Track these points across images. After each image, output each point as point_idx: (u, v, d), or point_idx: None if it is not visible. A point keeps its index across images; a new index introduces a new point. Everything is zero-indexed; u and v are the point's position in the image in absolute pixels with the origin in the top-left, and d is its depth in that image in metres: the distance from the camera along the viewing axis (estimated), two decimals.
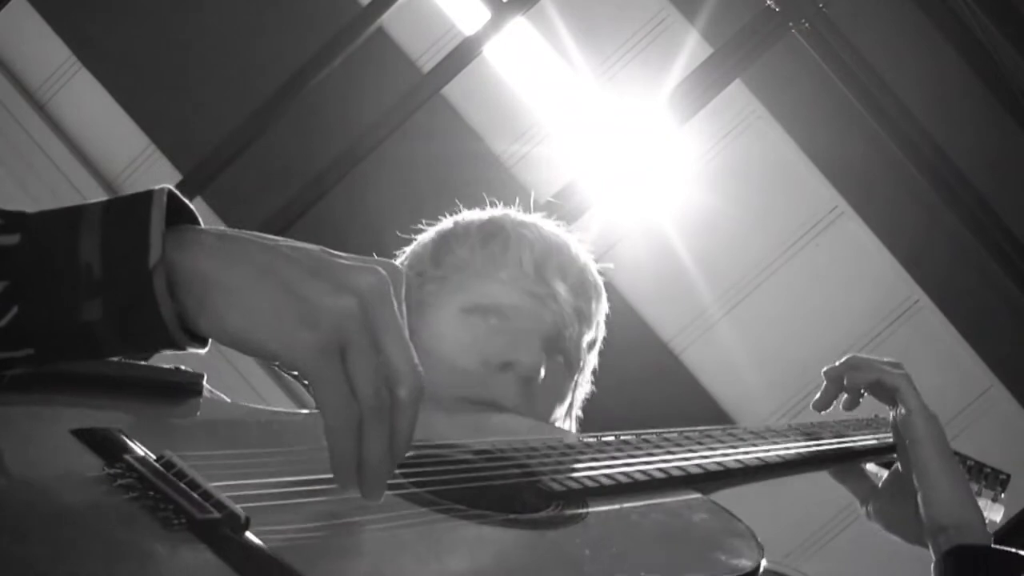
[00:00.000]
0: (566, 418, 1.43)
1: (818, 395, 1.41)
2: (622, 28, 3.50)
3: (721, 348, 3.53)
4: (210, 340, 0.80)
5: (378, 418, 0.78)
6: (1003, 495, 1.46)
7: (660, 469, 1.06)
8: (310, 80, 3.25)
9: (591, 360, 1.46)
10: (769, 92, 3.42)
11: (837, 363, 1.40)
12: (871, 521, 1.41)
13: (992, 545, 1.27)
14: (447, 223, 1.47)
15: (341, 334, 0.76)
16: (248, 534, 0.71)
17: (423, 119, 3.23)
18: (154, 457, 0.76)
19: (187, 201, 0.81)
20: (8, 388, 0.80)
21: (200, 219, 0.82)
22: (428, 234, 1.47)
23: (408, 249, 1.48)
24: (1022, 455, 1.55)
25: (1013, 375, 3.43)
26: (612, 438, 1.14)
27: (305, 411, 1.01)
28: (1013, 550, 1.26)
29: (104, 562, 0.66)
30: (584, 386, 1.47)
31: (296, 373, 0.79)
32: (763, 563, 0.90)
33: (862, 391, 1.41)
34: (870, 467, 1.43)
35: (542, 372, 1.32)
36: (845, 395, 1.42)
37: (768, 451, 1.22)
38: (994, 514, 1.44)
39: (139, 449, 0.77)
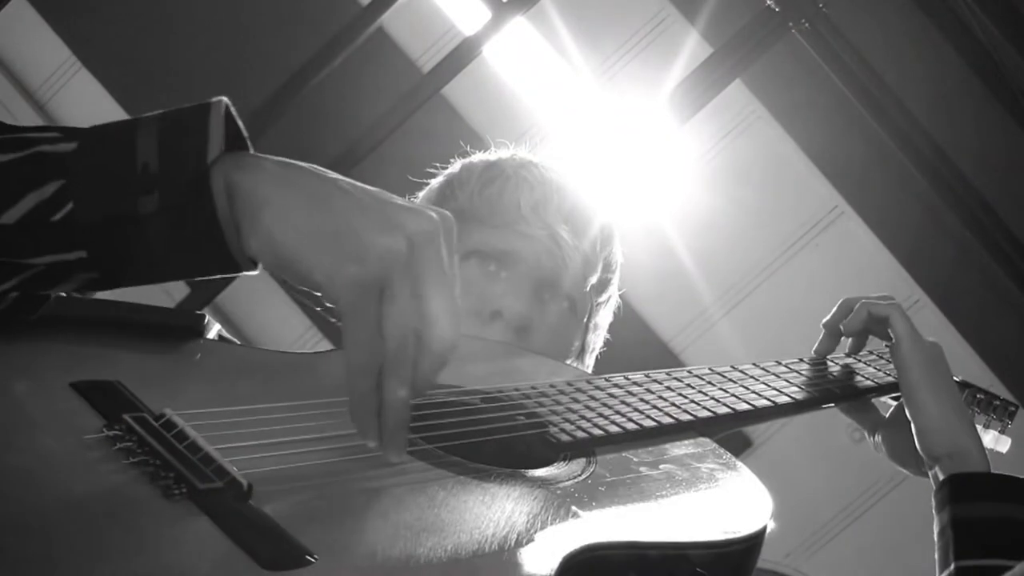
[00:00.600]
0: (577, 362, 1.40)
1: (817, 344, 1.38)
2: (622, 28, 3.50)
3: (721, 348, 3.53)
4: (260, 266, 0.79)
5: (400, 363, 0.77)
6: (1010, 426, 1.43)
7: (669, 414, 1.05)
8: (310, 80, 3.24)
9: (607, 303, 1.44)
10: (769, 92, 3.42)
11: (832, 311, 1.38)
12: (877, 452, 1.38)
13: (989, 472, 1.24)
14: (454, 167, 1.44)
15: (385, 273, 0.76)
16: (251, 503, 0.71)
17: (423, 119, 3.23)
18: (154, 416, 0.75)
19: (240, 123, 0.81)
20: (9, 333, 0.79)
21: (250, 144, 0.82)
22: (437, 178, 1.45)
23: (420, 194, 1.46)
24: (1023, 455, 1.55)
25: (1013, 375, 3.43)
26: (622, 379, 1.11)
27: (309, 352, 0.99)
28: (1011, 475, 1.23)
29: (101, 537, 0.65)
30: (599, 330, 1.44)
31: (328, 306, 0.78)
32: (771, 524, 0.89)
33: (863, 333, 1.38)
34: (884, 398, 1.40)
35: (533, 320, 1.30)
36: (850, 339, 1.39)
37: (779, 392, 1.20)
38: (1001, 445, 1.41)
39: (140, 406, 0.76)
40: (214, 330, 0.94)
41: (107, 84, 3.71)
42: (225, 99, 0.79)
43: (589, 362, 1.44)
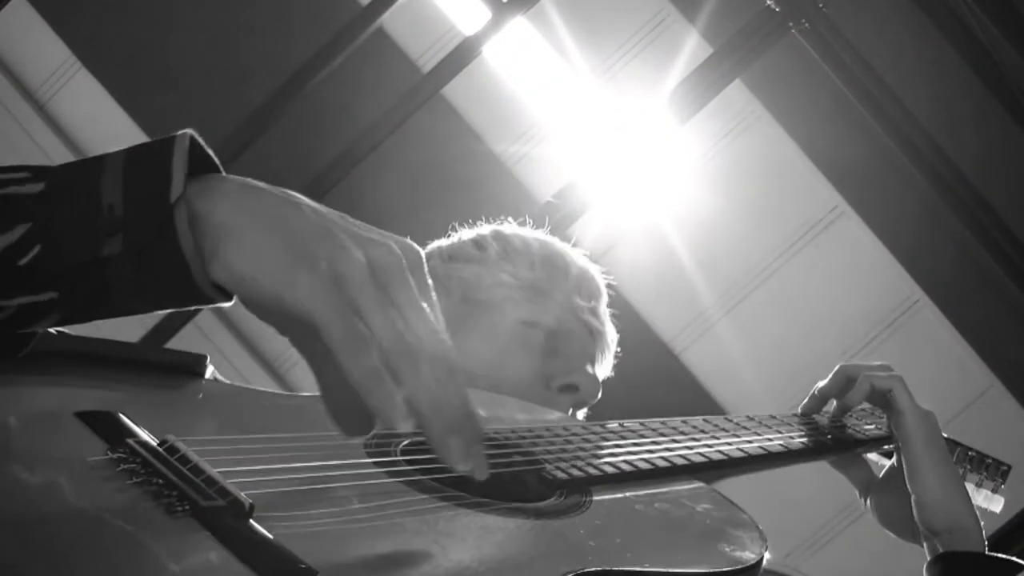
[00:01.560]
0: None
1: (806, 400, 1.40)
2: (622, 28, 3.50)
3: (721, 348, 3.53)
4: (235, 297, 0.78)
5: (423, 359, 0.73)
6: (1003, 486, 1.45)
7: (663, 458, 1.06)
8: (310, 80, 3.25)
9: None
10: (769, 92, 3.42)
11: (829, 377, 1.40)
12: (868, 513, 1.40)
13: (984, 552, 1.26)
14: (502, 228, 1.48)
15: (345, 285, 0.73)
16: (252, 522, 0.71)
17: (423, 119, 3.23)
18: (157, 442, 0.76)
19: (209, 150, 0.81)
20: (15, 367, 0.80)
21: (221, 166, 0.82)
22: (483, 233, 1.47)
23: (447, 242, 1.48)
24: (1022, 455, 1.55)
25: (1013, 375, 3.43)
26: (616, 425, 1.14)
27: (309, 395, 1.00)
28: (1005, 556, 1.26)
29: (106, 549, 0.65)
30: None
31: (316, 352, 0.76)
32: (766, 556, 0.90)
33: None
34: (872, 455, 1.43)
35: (598, 398, 1.35)
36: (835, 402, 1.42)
37: (771, 440, 1.22)
38: (994, 505, 1.44)
39: (142, 433, 0.77)
40: (209, 371, 0.96)
41: (107, 84, 3.71)
42: (190, 131, 0.79)
43: None
